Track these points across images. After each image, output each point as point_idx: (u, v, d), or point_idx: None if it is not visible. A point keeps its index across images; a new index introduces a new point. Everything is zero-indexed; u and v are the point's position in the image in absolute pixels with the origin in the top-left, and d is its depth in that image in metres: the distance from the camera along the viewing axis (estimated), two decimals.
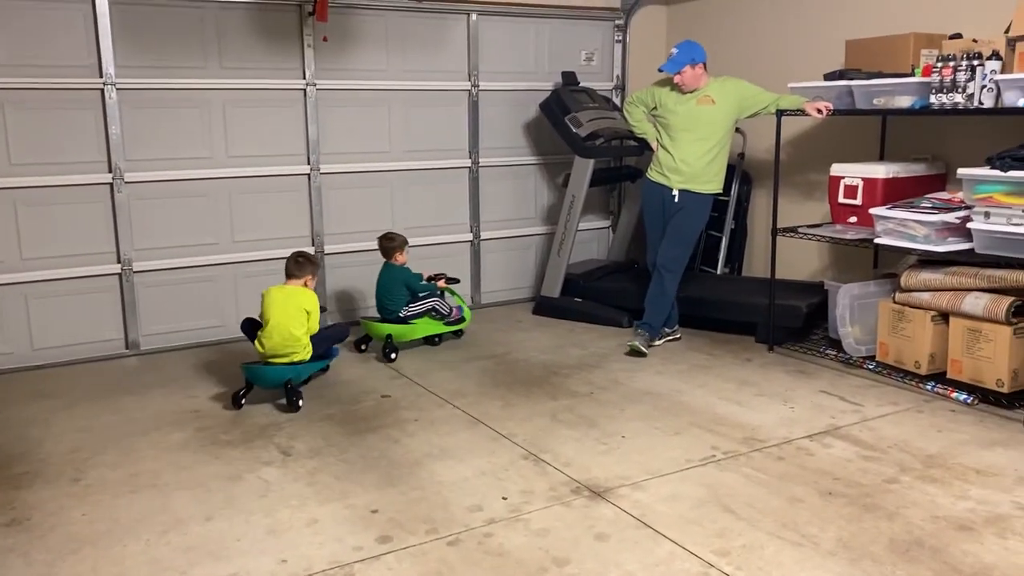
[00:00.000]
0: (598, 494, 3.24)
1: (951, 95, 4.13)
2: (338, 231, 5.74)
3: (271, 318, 4.20)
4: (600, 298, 5.89)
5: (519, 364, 4.92)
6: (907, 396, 4.27)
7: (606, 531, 2.95)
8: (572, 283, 6.02)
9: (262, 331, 4.24)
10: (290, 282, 4.35)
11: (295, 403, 4.17)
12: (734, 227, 6.15)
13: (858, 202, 4.74)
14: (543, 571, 2.71)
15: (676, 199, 5.08)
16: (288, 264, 4.39)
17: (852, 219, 4.82)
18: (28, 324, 4.94)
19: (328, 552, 2.85)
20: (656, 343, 5.17)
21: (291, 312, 4.21)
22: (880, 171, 4.66)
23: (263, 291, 4.35)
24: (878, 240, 4.45)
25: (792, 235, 5.02)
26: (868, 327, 4.73)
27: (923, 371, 4.36)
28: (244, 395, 4.26)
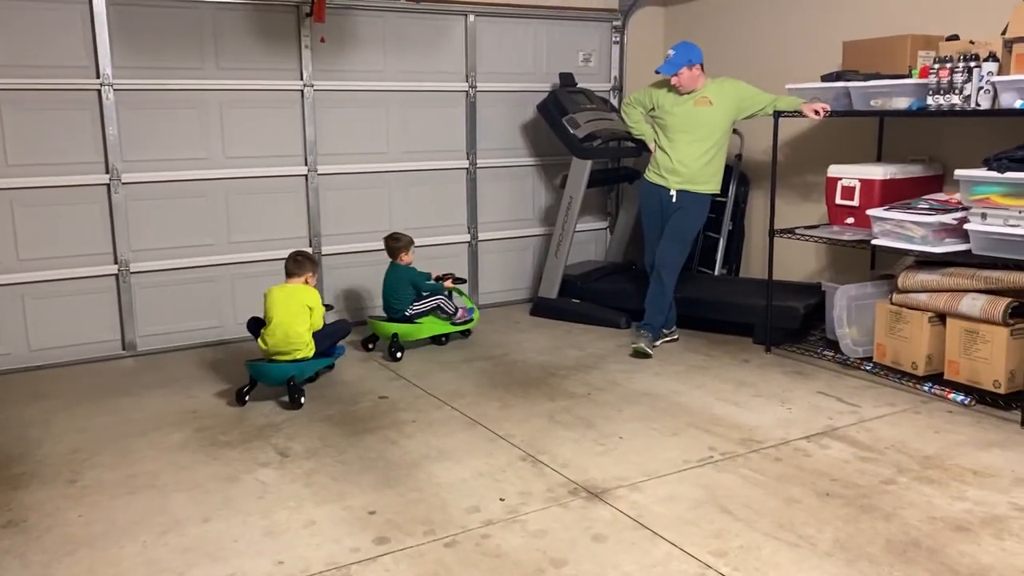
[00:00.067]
0: (595, 495, 3.24)
1: (948, 96, 4.14)
2: (336, 232, 5.73)
3: (274, 316, 4.25)
4: (598, 299, 5.89)
5: (517, 365, 4.92)
6: (904, 397, 4.28)
7: (603, 532, 2.95)
8: (570, 284, 6.02)
9: (265, 329, 4.29)
10: (291, 281, 4.40)
11: (297, 400, 4.20)
12: (732, 228, 6.16)
13: (855, 203, 4.75)
14: (540, 572, 2.71)
15: (674, 199, 5.09)
16: (287, 263, 4.44)
17: (849, 220, 4.82)
18: (25, 325, 4.93)
19: (325, 553, 2.85)
20: (655, 344, 5.17)
21: (294, 310, 4.26)
22: (877, 172, 4.67)
23: (265, 291, 4.39)
24: (875, 241, 4.46)
25: (789, 236, 5.02)
26: (865, 328, 4.74)
27: (920, 372, 4.37)
28: (248, 392, 4.31)
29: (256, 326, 4.41)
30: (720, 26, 6.27)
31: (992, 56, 4.02)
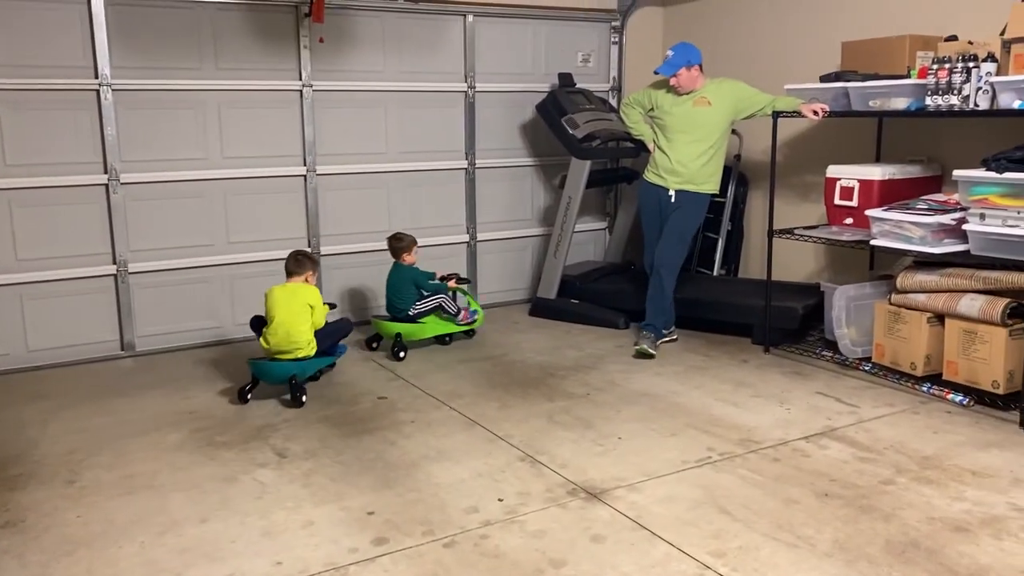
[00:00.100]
0: (594, 495, 3.23)
1: (947, 97, 4.14)
2: (334, 232, 5.73)
3: (276, 316, 4.28)
4: (596, 299, 5.89)
5: (516, 365, 4.92)
6: (903, 397, 4.28)
7: (602, 532, 2.95)
8: (569, 284, 6.02)
9: (267, 328, 4.32)
10: (291, 280, 4.43)
11: (299, 398, 4.23)
12: (730, 229, 6.15)
13: (854, 204, 4.74)
14: (539, 573, 2.71)
15: (673, 199, 5.09)
16: (288, 263, 4.46)
17: (848, 221, 4.82)
18: (23, 325, 4.92)
19: (323, 554, 2.84)
20: (657, 344, 5.17)
21: (295, 309, 4.29)
22: (876, 173, 4.67)
23: (266, 291, 4.42)
24: (874, 242, 4.46)
25: (788, 237, 5.02)
26: (864, 329, 4.74)
27: (919, 372, 4.37)
28: (250, 390, 4.35)
29: (258, 324, 4.45)
30: (719, 26, 6.27)
31: (991, 56, 4.02)
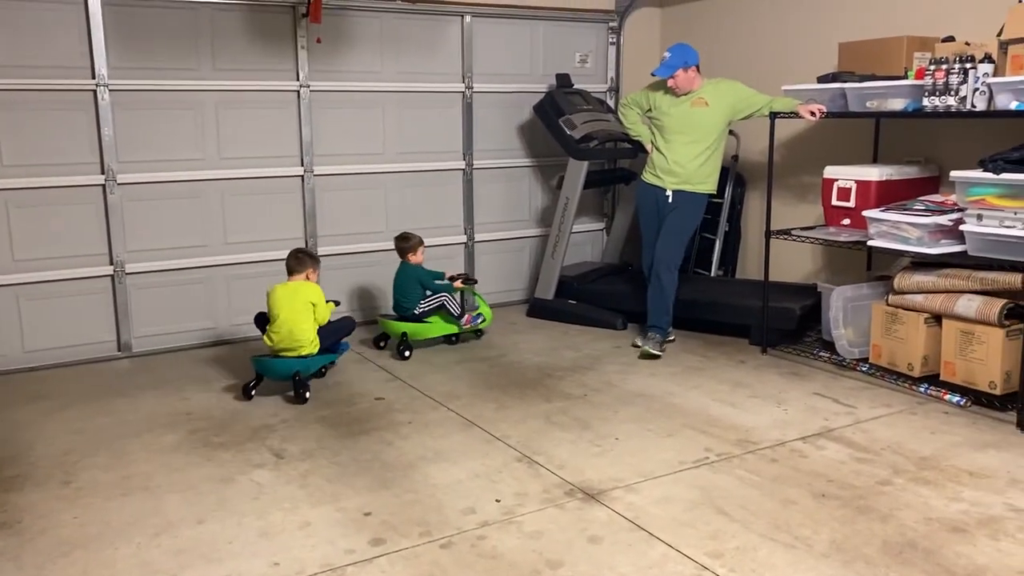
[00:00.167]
0: (591, 496, 3.23)
1: (944, 98, 4.14)
2: (332, 233, 5.72)
3: (278, 314, 4.32)
4: (594, 300, 5.89)
5: (513, 366, 4.92)
6: (900, 398, 4.28)
7: (599, 533, 2.95)
8: (566, 285, 6.02)
9: (270, 326, 4.36)
10: (293, 278, 4.46)
11: (302, 395, 4.28)
12: (728, 229, 6.16)
13: (851, 204, 4.75)
14: (536, 573, 2.70)
15: (670, 200, 5.09)
16: (288, 261, 4.50)
17: (845, 221, 4.83)
18: (20, 326, 4.91)
19: (320, 555, 2.84)
20: (663, 346, 5.16)
21: (297, 307, 4.33)
22: (873, 173, 4.67)
23: (268, 289, 4.45)
24: (871, 242, 4.46)
25: (786, 237, 5.02)
26: (861, 329, 4.74)
27: (916, 373, 4.37)
28: (254, 387, 4.40)
29: (262, 322, 4.49)
30: (716, 27, 6.27)
31: (988, 58, 4.03)
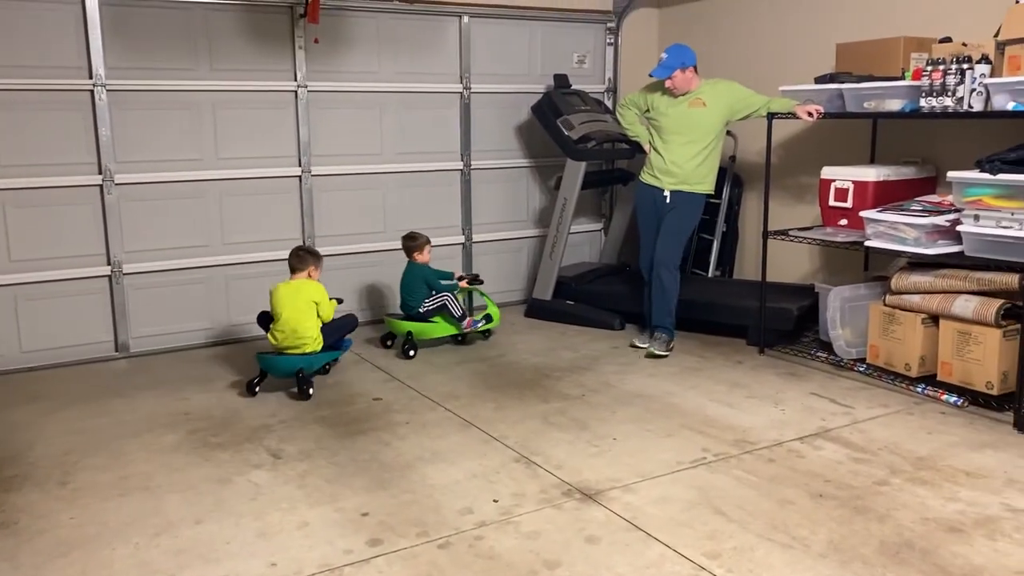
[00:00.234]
0: (589, 496, 3.24)
1: (941, 98, 4.15)
2: (330, 233, 5.72)
3: (281, 313, 4.36)
4: (592, 301, 5.89)
5: (511, 367, 4.92)
6: (897, 398, 4.28)
7: (597, 533, 2.95)
8: (564, 286, 6.02)
9: (274, 325, 4.40)
10: (295, 276, 4.49)
11: (306, 391, 4.34)
12: (725, 230, 6.16)
13: (849, 205, 4.75)
14: (534, 574, 2.70)
15: (668, 200, 5.10)
16: (290, 259, 4.54)
17: (843, 222, 4.83)
18: (18, 326, 4.91)
19: (318, 555, 2.84)
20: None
21: (300, 306, 4.37)
22: (871, 174, 4.68)
23: (271, 288, 4.48)
24: (868, 243, 4.47)
25: (783, 238, 5.03)
26: (859, 329, 4.74)
27: (913, 373, 4.37)
28: (258, 383, 4.46)
29: (265, 321, 4.53)
30: (714, 28, 6.27)
31: (985, 58, 4.03)
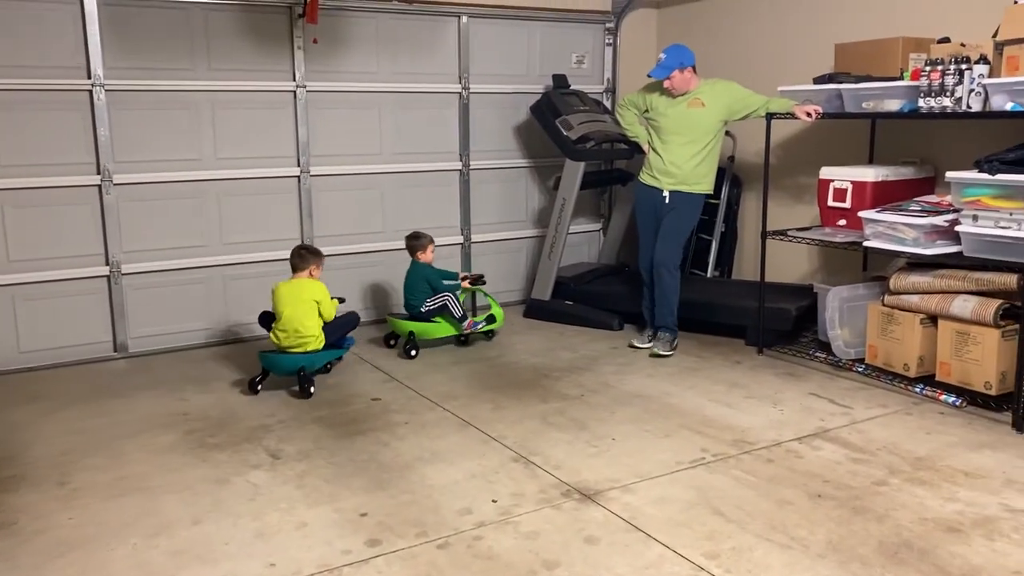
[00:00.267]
0: (588, 497, 3.23)
1: (939, 99, 4.15)
2: (328, 233, 5.72)
3: (283, 312, 4.40)
4: (591, 301, 5.89)
5: (510, 367, 4.92)
6: (896, 398, 4.29)
7: (596, 534, 2.95)
8: (563, 286, 6.02)
9: (276, 324, 4.44)
10: (296, 276, 4.53)
11: (307, 390, 4.38)
12: (724, 230, 6.16)
13: (847, 205, 4.76)
14: (532, 574, 2.70)
15: (667, 200, 5.10)
16: (292, 258, 4.58)
17: (841, 222, 4.83)
18: (16, 326, 4.90)
19: (317, 555, 2.84)
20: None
21: (301, 305, 4.40)
22: (869, 174, 4.68)
23: (273, 287, 4.52)
24: (867, 243, 4.47)
25: (782, 238, 5.03)
26: (857, 330, 4.75)
27: (912, 373, 4.38)
28: (260, 381, 4.49)
29: (267, 320, 4.56)
30: (712, 28, 6.27)
31: (983, 59, 4.03)
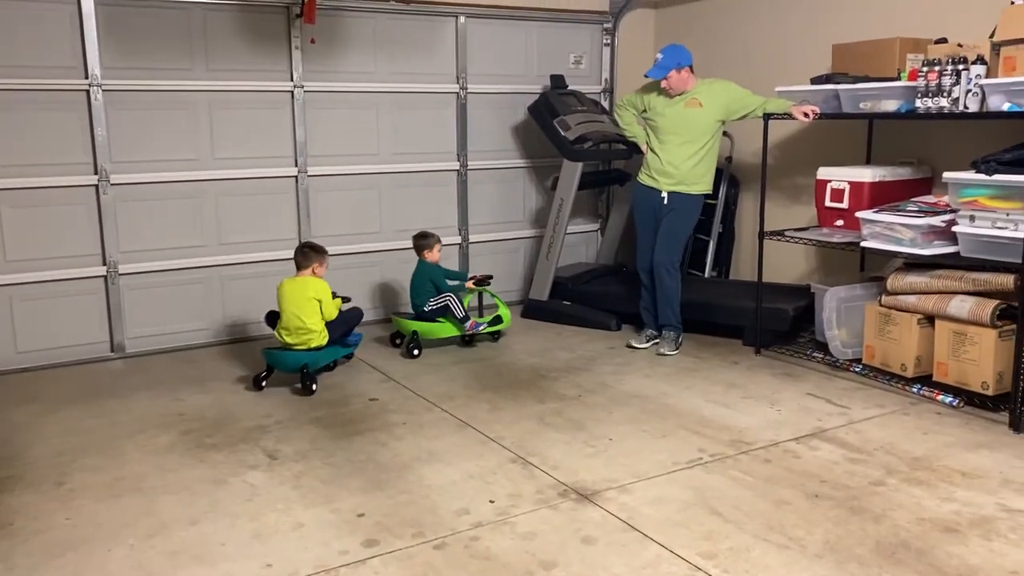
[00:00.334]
0: (585, 497, 3.23)
1: (937, 99, 4.15)
2: (326, 233, 5.70)
3: (286, 309, 4.47)
4: (588, 301, 5.89)
5: (507, 367, 4.92)
6: (893, 399, 4.29)
7: (593, 534, 2.95)
8: (561, 286, 6.02)
9: (280, 321, 4.50)
10: (300, 273, 4.58)
11: (309, 387, 4.42)
12: (721, 230, 6.16)
13: (845, 205, 4.76)
14: (530, 574, 2.70)
15: (665, 201, 5.10)
16: (295, 256, 4.64)
17: (839, 222, 4.84)
18: (12, 326, 4.90)
19: (314, 556, 2.84)
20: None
21: (302, 303, 4.45)
22: (867, 175, 4.68)
23: (277, 284, 4.58)
24: (864, 243, 4.47)
25: (779, 238, 5.03)
26: (854, 330, 4.75)
27: (909, 374, 4.38)
28: (265, 378, 4.54)
29: (272, 319, 4.62)
30: (710, 28, 6.28)
31: (980, 59, 4.04)
